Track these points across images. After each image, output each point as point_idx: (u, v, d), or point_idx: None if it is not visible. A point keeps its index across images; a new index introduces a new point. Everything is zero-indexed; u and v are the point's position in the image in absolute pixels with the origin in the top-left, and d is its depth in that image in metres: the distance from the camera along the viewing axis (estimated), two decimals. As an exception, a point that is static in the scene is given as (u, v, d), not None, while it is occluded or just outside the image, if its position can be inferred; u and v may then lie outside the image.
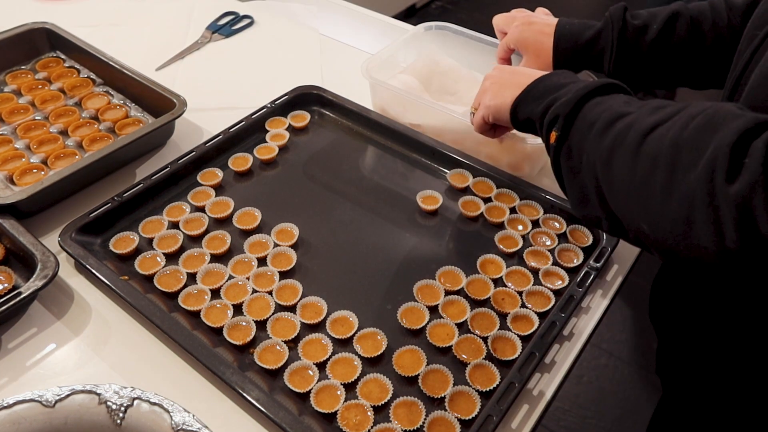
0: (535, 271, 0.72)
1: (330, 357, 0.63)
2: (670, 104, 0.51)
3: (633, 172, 0.48)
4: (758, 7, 0.60)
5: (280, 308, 0.68)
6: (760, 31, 0.55)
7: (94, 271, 0.69)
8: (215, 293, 0.69)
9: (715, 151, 0.42)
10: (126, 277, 0.70)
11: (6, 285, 0.68)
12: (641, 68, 0.78)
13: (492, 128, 0.74)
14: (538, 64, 0.81)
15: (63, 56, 1.04)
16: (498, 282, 0.71)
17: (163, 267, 0.71)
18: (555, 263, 0.73)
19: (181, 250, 0.74)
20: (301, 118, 0.94)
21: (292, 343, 0.65)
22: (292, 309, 0.68)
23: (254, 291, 0.69)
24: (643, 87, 0.80)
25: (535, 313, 0.67)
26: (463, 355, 0.64)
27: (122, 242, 0.74)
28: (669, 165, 0.45)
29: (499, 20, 0.87)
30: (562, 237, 0.76)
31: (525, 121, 0.65)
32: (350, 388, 0.61)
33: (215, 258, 0.73)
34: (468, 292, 0.69)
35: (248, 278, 0.70)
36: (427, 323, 0.66)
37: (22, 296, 0.64)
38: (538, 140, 0.79)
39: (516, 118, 0.66)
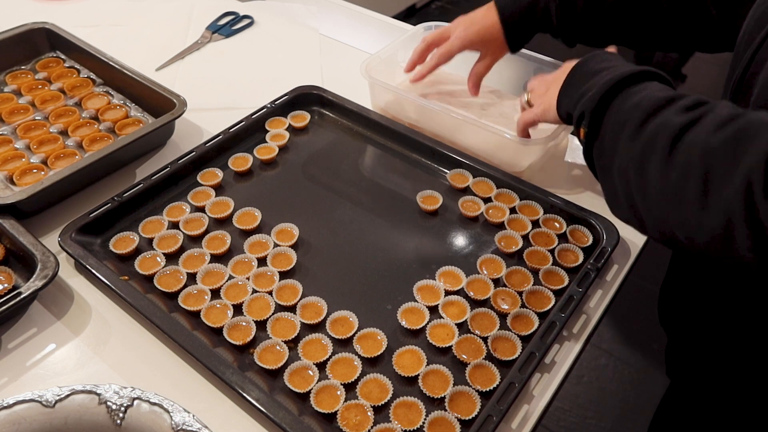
0: (535, 271, 0.72)
1: (330, 357, 0.63)
2: (698, 101, 0.49)
3: (666, 180, 0.47)
4: (753, 9, 0.59)
5: (280, 308, 0.68)
6: (758, 34, 0.55)
7: (94, 271, 0.69)
8: (215, 293, 0.69)
9: (750, 165, 0.41)
10: (126, 277, 0.70)
11: (6, 285, 0.68)
12: (587, 25, 0.80)
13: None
14: (494, 49, 0.85)
15: (63, 56, 1.04)
16: (498, 282, 0.71)
17: (163, 267, 0.71)
18: (555, 263, 0.73)
19: (181, 250, 0.74)
20: (301, 118, 0.94)
21: (292, 343, 0.65)
22: (292, 309, 0.68)
23: (254, 291, 0.69)
24: (601, 42, 0.82)
25: (535, 313, 0.67)
26: (463, 356, 0.64)
27: (122, 242, 0.74)
28: (702, 176, 0.44)
29: (433, 36, 0.89)
30: (562, 237, 0.76)
31: (567, 116, 0.65)
32: (350, 388, 0.61)
33: (215, 258, 0.73)
34: (468, 292, 0.69)
35: (248, 278, 0.70)
36: (427, 323, 0.66)
37: (22, 296, 0.64)
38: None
39: (560, 115, 0.67)
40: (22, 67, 1.02)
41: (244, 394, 0.58)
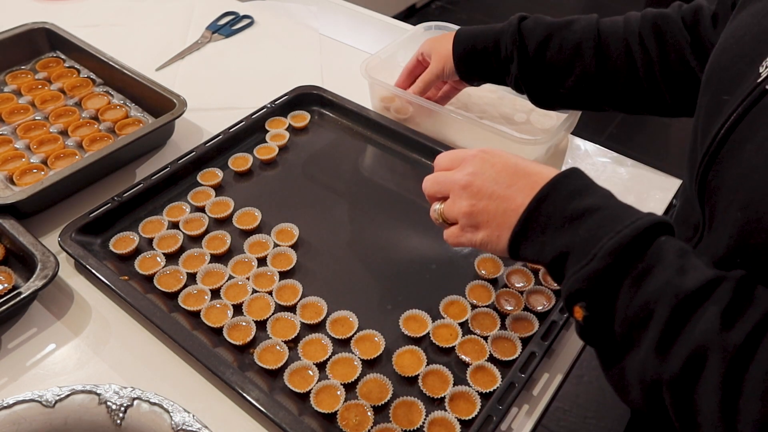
0: (535, 271, 0.72)
1: (330, 357, 0.63)
2: (733, 289, 0.41)
3: (728, 411, 0.39)
4: (712, 60, 0.56)
5: (280, 308, 0.68)
6: (729, 96, 0.50)
7: (94, 271, 0.69)
8: (215, 293, 0.69)
9: None
10: (126, 277, 0.70)
11: (6, 285, 0.68)
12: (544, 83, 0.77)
13: None
14: (439, 63, 0.82)
15: (63, 56, 1.04)
16: (498, 282, 0.71)
17: (163, 267, 0.71)
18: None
19: (181, 250, 0.74)
20: (301, 118, 0.94)
21: (292, 343, 0.65)
22: (292, 309, 0.68)
23: (254, 291, 0.69)
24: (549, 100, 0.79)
25: (535, 313, 0.67)
26: (466, 357, 0.63)
27: (122, 242, 0.74)
28: None
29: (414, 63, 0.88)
30: (562, 237, 0.76)
31: (533, 262, 0.51)
32: (350, 388, 0.61)
33: (215, 258, 0.73)
34: (470, 300, 0.69)
35: (248, 278, 0.70)
36: (429, 329, 0.66)
37: (22, 296, 0.64)
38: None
39: (517, 257, 0.52)
40: (22, 67, 1.02)
41: (244, 394, 0.58)
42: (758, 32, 0.51)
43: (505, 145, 0.84)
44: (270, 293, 0.69)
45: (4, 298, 0.64)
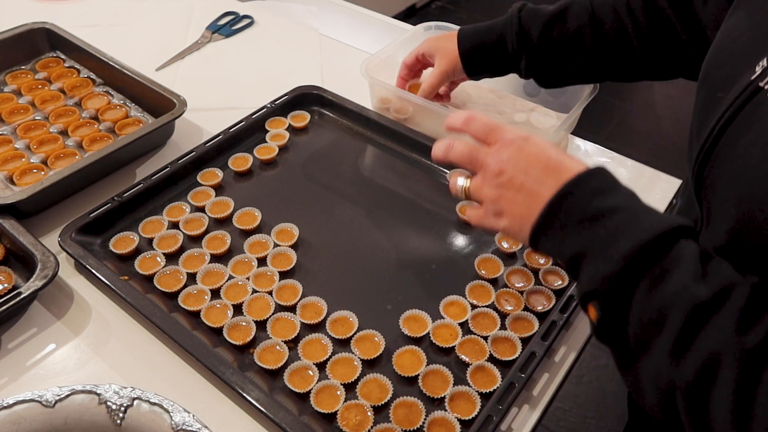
0: (535, 271, 0.72)
1: (330, 357, 0.63)
2: (748, 295, 0.41)
3: (742, 417, 0.38)
4: (708, 58, 0.56)
5: (280, 308, 0.68)
6: (724, 93, 0.49)
7: (94, 271, 0.69)
8: (215, 293, 0.69)
9: None
10: (126, 277, 0.70)
11: (6, 285, 0.68)
12: (544, 59, 0.80)
13: None
14: (447, 63, 0.84)
15: (63, 56, 1.04)
16: (498, 282, 0.71)
17: (163, 267, 0.71)
18: (555, 263, 0.73)
19: (181, 250, 0.74)
20: (301, 118, 0.94)
21: (292, 343, 0.65)
22: (292, 309, 0.68)
23: (254, 291, 0.69)
24: (557, 79, 0.83)
25: (535, 313, 0.67)
26: (466, 357, 0.63)
27: (122, 242, 0.74)
28: None
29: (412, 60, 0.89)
30: (562, 237, 0.76)
31: (552, 256, 0.52)
32: (350, 388, 0.61)
33: (215, 258, 0.73)
34: (471, 300, 0.69)
35: (248, 278, 0.70)
36: (429, 329, 0.66)
37: (22, 296, 0.64)
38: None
39: (536, 249, 0.52)
40: (22, 67, 1.02)
41: (244, 394, 0.58)
42: (754, 32, 0.51)
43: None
44: (270, 293, 0.69)
45: (4, 298, 0.64)
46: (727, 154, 0.48)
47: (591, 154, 0.92)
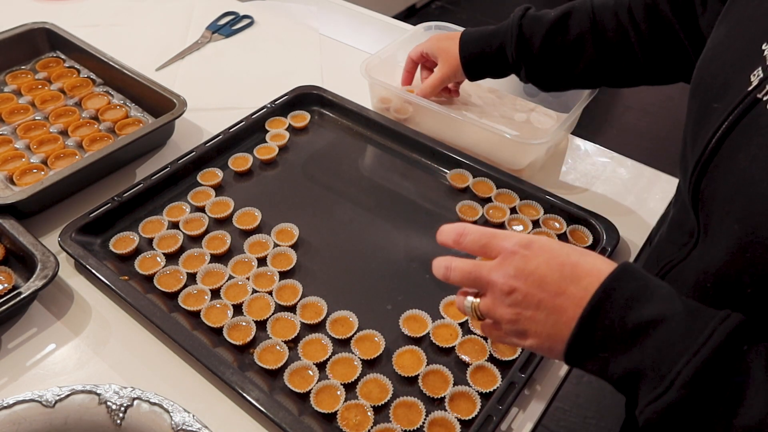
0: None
1: (330, 357, 0.63)
2: None
3: None
4: (699, 67, 0.56)
5: (280, 308, 0.68)
6: (718, 104, 0.49)
7: (94, 271, 0.69)
8: (215, 293, 0.69)
9: None
10: (126, 277, 0.70)
11: (6, 285, 0.68)
12: (545, 66, 0.80)
13: None
14: (449, 68, 0.86)
15: (63, 56, 1.04)
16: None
17: (163, 267, 0.71)
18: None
19: (181, 250, 0.74)
20: (301, 118, 0.94)
21: (292, 343, 0.65)
22: (292, 309, 0.68)
23: (254, 291, 0.69)
24: (560, 84, 0.83)
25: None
26: (466, 357, 0.63)
27: (122, 242, 0.74)
28: None
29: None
30: (563, 237, 0.76)
31: (599, 376, 0.46)
32: (350, 388, 0.61)
33: (215, 258, 0.73)
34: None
35: (248, 278, 0.70)
36: (429, 329, 0.66)
37: (22, 296, 0.64)
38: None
39: (578, 367, 0.47)
40: (22, 67, 1.02)
41: (244, 394, 0.58)
42: (746, 40, 0.51)
43: (504, 144, 0.84)
44: (270, 293, 0.69)
45: (4, 298, 0.64)
46: (726, 167, 0.48)
47: (591, 154, 0.92)
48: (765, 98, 0.46)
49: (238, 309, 0.68)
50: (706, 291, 0.51)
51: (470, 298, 0.51)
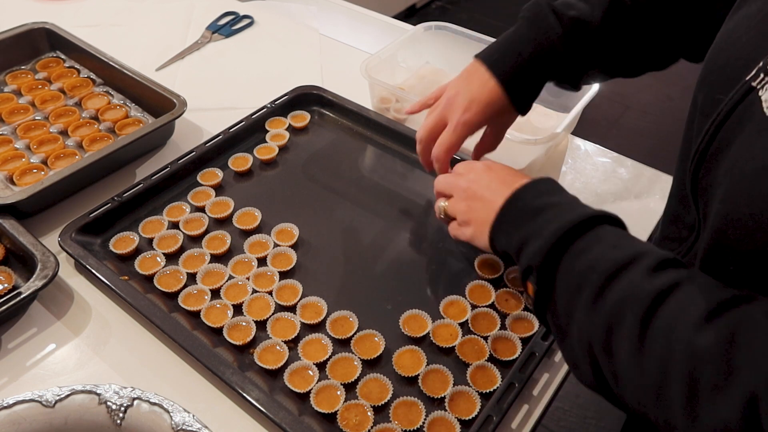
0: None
1: (330, 357, 0.63)
2: (662, 258, 0.45)
3: (641, 371, 0.41)
4: (708, 59, 0.55)
5: (280, 308, 0.68)
6: (723, 96, 0.49)
7: (94, 271, 0.69)
8: (215, 293, 0.69)
9: (752, 376, 0.36)
10: (126, 277, 0.70)
11: (6, 285, 0.68)
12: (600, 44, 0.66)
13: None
14: (504, 121, 0.72)
15: (63, 56, 1.04)
16: (498, 282, 0.71)
17: (163, 267, 0.71)
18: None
19: (181, 250, 0.74)
20: (301, 118, 0.94)
21: (292, 344, 0.65)
22: (292, 309, 0.68)
23: (254, 291, 0.69)
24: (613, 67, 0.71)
25: (535, 313, 0.67)
26: (465, 357, 0.63)
27: (122, 242, 0.74)
28: (687, 381, 0.39)
29: (430, 129, 0.73)
30: (562, 237, 0.76)
31: (504, 254, 0.58)
32: (350, 388, 0.61)
33: (215, 258, 0.73)
34: (469, 299, 0.69)
35: (248, 278, 0.70)
36: (429, 329, 0.66)
37: (22, 296, 0.64)
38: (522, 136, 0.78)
39: (495, 250, 0.60)
40: (22, 67, 1.02)
41: (244, 394, 0.58)
42: (754, 35, 0.51)
43: (505, 145, 0.84)
44: (270, 293, 0.69)
45: (4, 298, 0.64)
46: (721, 154, 0.48)
47: (591, 154, 0.92)
48: (758, 86, 0.46)
49: (238, 309, 0.68)
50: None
51: (441, 202, 0.67)
